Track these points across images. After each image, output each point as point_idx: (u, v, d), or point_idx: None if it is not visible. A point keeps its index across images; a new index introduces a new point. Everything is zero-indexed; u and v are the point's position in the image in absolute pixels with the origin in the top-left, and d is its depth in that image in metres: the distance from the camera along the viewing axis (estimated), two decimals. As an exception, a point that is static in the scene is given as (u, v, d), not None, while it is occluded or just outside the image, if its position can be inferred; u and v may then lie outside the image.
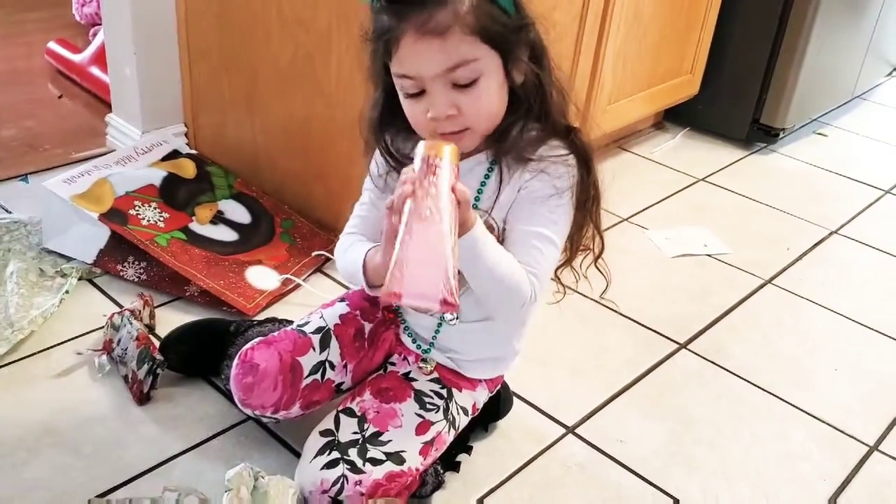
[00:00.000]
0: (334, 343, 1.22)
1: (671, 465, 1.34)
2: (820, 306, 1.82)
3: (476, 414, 1.26)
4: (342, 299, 1.29)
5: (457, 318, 1.17)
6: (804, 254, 2.03)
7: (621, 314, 1.71)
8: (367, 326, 1.25)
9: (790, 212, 2.22)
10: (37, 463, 1.22)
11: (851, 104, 2.99)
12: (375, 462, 1.09)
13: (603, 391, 1.49)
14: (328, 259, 1.74)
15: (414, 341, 1.24)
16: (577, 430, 1.39)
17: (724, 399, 1.51)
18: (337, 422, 1.13)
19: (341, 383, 1.24)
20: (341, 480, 1.07)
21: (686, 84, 2.47)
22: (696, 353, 1.62)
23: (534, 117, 1.06)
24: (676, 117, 2.64)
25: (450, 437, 1.20)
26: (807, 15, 2.36)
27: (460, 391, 1.21)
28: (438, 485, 1.22)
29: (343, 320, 1.25)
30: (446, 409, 1.19)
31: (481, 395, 1.25)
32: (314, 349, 1.21)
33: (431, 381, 1.20)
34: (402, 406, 1.16)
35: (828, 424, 1.47)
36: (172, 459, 1.25)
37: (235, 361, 1.19)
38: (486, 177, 1.09)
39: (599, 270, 1.20)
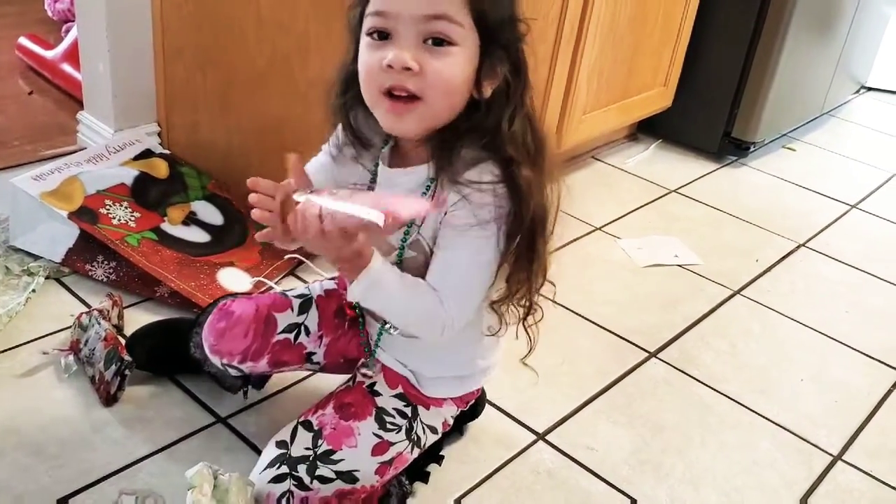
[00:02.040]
0: (314, 311, 1.23)
1: (639, 473, 1.35)
2: (786, 317, 1.84)
3: (447, 430, 1.25)
4: (333, 278, 1.29)
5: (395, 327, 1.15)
6: (772, 265, 2.06)
7: (592, 322, 1.72)
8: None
9: (759, 224, 2.25)
10: (0, 464, 1.19)
11: (820, 120, 3.04)
12: (324, 480, 1.07)
13: (573, 398, 1.50)
14: (301, 262, 1.73)
15: (366, 344, 1.22)
16: (547, 437, 1.40)
17: (692, 407, 1.52)
18: (294, 434, 1.11)
19: (313, 353, 1.23)
20: (287, 496, 1.06)
21: (659, 96, 2.49)
22: (665, 362, 1.64)
23: (481, 135, 0.99)
24: (650, 129, 2.67)
25: (412, 455, 1.17)
26: (778, 32, 2.40)
27: (427, 409, 1.18)
28: (403, 497, 1.20)
29: (327, 294, 1.25)
30: (409, 430, 1.15)
31: (449, 412, 1.22)
32: (292, 310, 1.22)
33: (396, 397, 1.16)
34: (360, 425, 1.12)
35: (793, 434, 1.49)
36: (139, 462, 1.23)
37: (213, 312, 1.21)
38: (423, 194, 1.04)
39: (526, 331, 1.13)
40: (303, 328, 1.22)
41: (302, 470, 1.07)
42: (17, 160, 1.96)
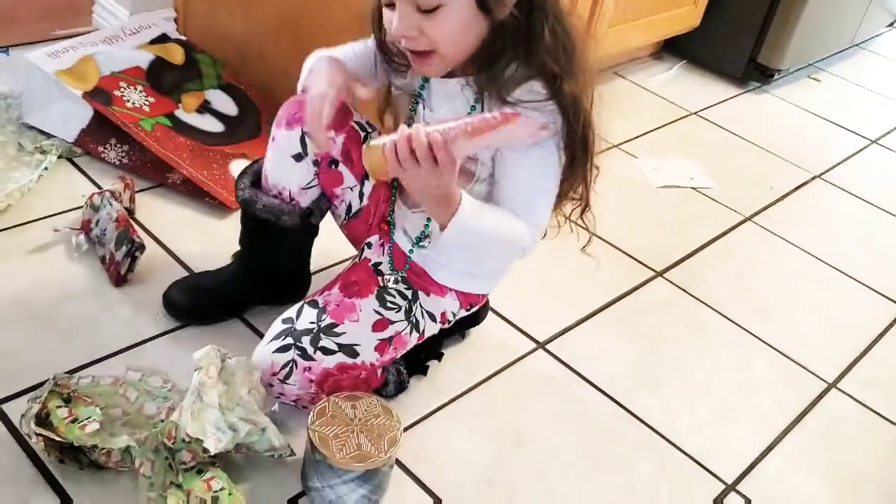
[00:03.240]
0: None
1: (636, 386, 1.37)
2: (795, 246, 1.84)
3: (448, 325, 1.27)
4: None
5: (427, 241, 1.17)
6: (786, 195, 2.04)
7: (601, 238, 1.72)
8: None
9: (777, 153, 2.23)
10: (10, 333, 1.22)
11: (849, 52, 2.97)
12: (327, 352, 1.10)
13: (576, 311, 1.51)
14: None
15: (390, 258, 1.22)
16: (547, 346, 1.42)
17: (692, 327, 1.54)
18: (300, 311, 1.14)
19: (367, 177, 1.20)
20: (290, 365, 1.09)
21: (688, 15, 2.43)
22: (670, 282, 1.64)
23: (521, 54, 1.02)
24: (675, 49, 2.61)
25: (412, 340, 1.20)
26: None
27: (427, 295, 1.21)
28: (401, 385, 1.24)
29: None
30: (409, 311, 1.18)
31: (451, 306, 1.24)
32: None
33: (401, 281, 1.20)
34: (361, 301, 1.15)
35: (790, 359, 1.51)
36: (146, 342, 1.25)
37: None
38: (472, 108, 1.07)
39: (584, 224, 1.16)
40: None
41: (306, 341, 1.10)
42: (31, 38, 1.93)
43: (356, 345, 1.12)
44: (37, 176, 1.50)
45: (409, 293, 1.19)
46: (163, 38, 1.80)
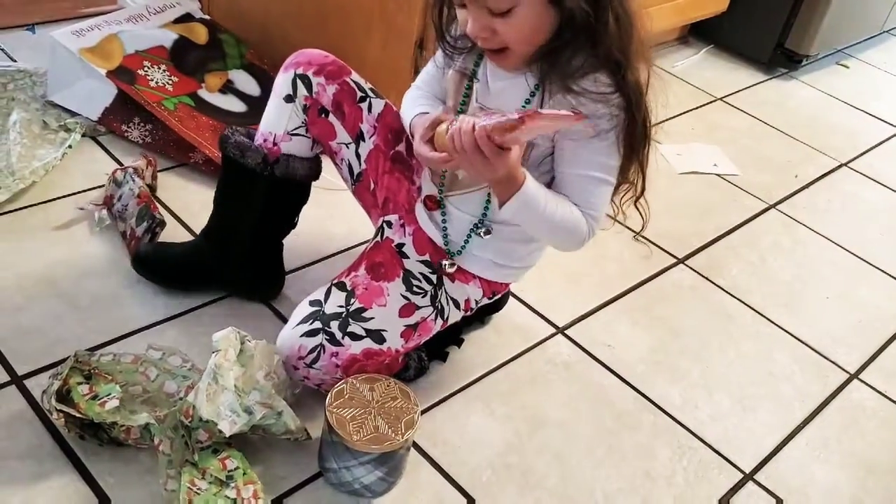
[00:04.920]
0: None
1: (655, 373, 1.37)
2: (819, 235, 1.82)
3: (470, 313, 1.26)
4: None
5: (488, 231, 1.17)
6: (811, 182, 2.02)
7: (622, 223, 1.71)
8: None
9: (803, 140, 2.20)
10: (33, 309, 1.23)
11: (879, 38, 2.92)
12: (355, 337, 1.11)
13: (596, 297, 1.51)
14: (335, 140, 1.72)
15: (446, 241, 1.20)
16: (566, 332, 1.41)
17: (714, 315, 1.53)
18: (328, 294, 1.15)
19: (362, 138, 1.22)
20: (318, 350, 1.10)
21: (715, -1, 2.40)
22: (692, 269, 1.63)
23: (586, 45, 1.00)
24: (701, 33, 2.58)
25: (436, 326, 1.20)
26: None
27: (452, 281, 1.21)
28: (422, 370, 1.24)
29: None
30: (434, 297, 1.18)
31: (474, 293, 1.24)
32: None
33: (422, 262, 1.19)
34: (389, 285, 1.15)
35: (812, 349, 1.49)
36: (166, 321, 1.26)
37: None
38: (528, 100, 1.06)
39: (639, 210, 1.18)
40: (367, 106, 1.21)
41: (335, 326, 1.10)
42: (56, 15, 1.94)
43: (383, 330, 1.12)
44: (61, 154, 1.51)
45: (433, 277, 1.19)
46: (187, 18, 1.80)
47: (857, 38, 2.76)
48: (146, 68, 1.62)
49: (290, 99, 1.20)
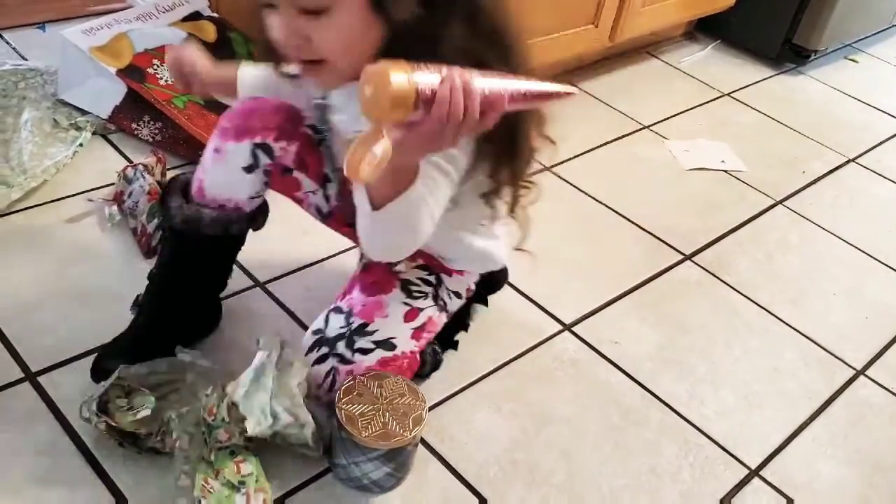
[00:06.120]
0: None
1: (662, 369, 1.37)
2: (827, 231, 1.82)
3: (471, 295, 1.26)
4: None
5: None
6: (818, 178, 2.02)
7: (630, 220, 1.72)
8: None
9: (810, 135, 2.19)
10: (46, 307, 1.25)
11: (889, 32, 2.91)
12: (364, 352, 1.10)
13: (603, 293, 1.51)
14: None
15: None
16: (573, 328, 1.42)
17: (720, 312, 1.53)
18: (326, 320, 1.14)
19: (329, 180, 1.14)
20: (332, 373, 1.09)
21: (722, -6, 2.39)
22: (699, 265, 1.64)
23: (426, 53, 0.81)
24: (708, 28, 2.58)
25: (442, 320, 1.20)
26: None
27: (450, 276, 1.21)
28: (437, 364, 1.25)
29: None
30: (436, 295, 1.18)
31: (472, 279, 1.24)
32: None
33: (418, 268, 1.18)
34: (387, 297, 1.14)
35: (819, 346, 1.49)
36: (177, 317, 1.27)
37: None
38: None
39: (515, 219, 1.10)
40: (325, 141, 1.11)
41: (341, 346, 1.10)
42: (67, 14, 1.95)
43: (392, 338, 1.12)
44: (72, 152, 1.52)
45: (431, 278, 1.19)
46: (196, 16, 1.81)
47: (865, 32, 2.75)
48: (155, 66, 1.63)
49: (250, 169, 1.08)
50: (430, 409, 1.20)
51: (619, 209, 1.74)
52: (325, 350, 1.10)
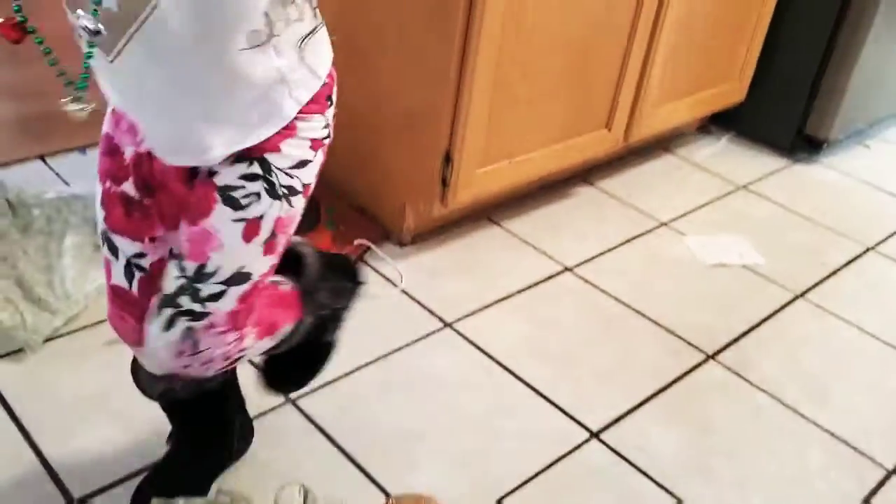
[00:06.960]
0: None
1: (689, 475, 1.38)
2: (849, 324, 1.83)
3: (310, 191, 0.97)
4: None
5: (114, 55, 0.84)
6: (838, 269, 2.04)
7: (651, 320, 1.74)
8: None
9: (828, 225, 2.23)
10: (88, 432, 1.29)
11: (900, 115, 2.96)
12: (216, 297, 0.91)
13: (628, 397, 1.53)
14: (369, 248, 1.79)
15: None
16: (600, 436, 1.44)
17: (746, 413, 1.54)
18: (164, 274, 0.95)
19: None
20: (187, 334, 0.91)
21: (733, 91, 2.46)
22: (722, 365, 1.65)
23: None
24: (722, 121, 2.64)
25: (298, 206, 0.94)
26: (862, 22, 2.34)
27: (277, 152, 0.90)
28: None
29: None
30: (271, 188, 0.90)
31: (309, 131, 0.94)
32: None
33: (236, 162, 0.89)
34: (211, 221, 0.90)
35: (848, 445, 1.50)
36: (213, 437, 1.31)
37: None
38: None
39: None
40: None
41: (185, 301, 0.91)
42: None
43: (240, 268, 0.91)
44: (111, 275, 1.59)
45: (256, 167, 0.90)
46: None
47: (877, 118, 2.80)
48: (190, 189, 1.71)
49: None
50: (461, 526, 1.22)
51: (641, 309, 1.77)
52: (168, 312, 0.91)
